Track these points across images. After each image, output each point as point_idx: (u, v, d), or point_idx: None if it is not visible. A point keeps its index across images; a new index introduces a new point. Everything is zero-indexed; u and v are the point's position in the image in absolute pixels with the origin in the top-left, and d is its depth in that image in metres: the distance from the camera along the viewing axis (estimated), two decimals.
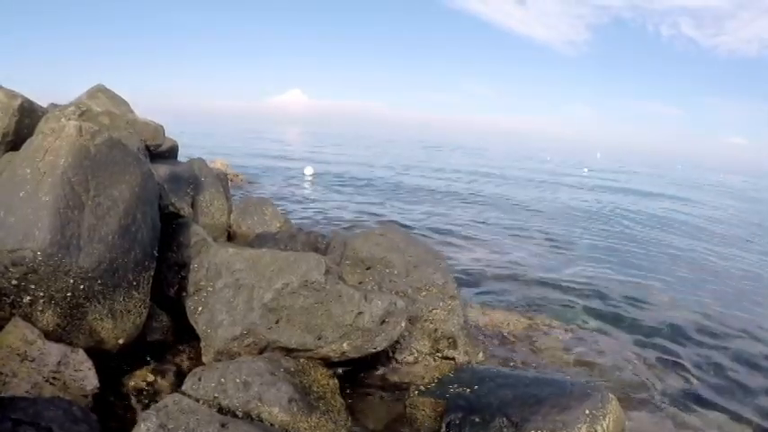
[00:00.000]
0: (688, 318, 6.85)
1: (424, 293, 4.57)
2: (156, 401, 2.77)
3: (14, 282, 2.99)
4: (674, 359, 5.41)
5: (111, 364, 3.37)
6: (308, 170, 19.58)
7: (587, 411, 3.39)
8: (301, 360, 3.66)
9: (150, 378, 3.44)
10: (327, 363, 3.76)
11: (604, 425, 3.39)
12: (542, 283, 7.70)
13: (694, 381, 4.98)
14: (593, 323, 6.23)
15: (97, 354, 3.22)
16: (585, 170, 37.79)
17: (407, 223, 11.26)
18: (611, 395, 3.60)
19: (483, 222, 12.54)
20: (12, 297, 3.03)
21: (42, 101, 5.66)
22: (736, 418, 4.35)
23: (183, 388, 3.15)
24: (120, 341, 3.40)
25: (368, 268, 4.67)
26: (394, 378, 4.12)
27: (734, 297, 8.36)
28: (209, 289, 3.92)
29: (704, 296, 8.17)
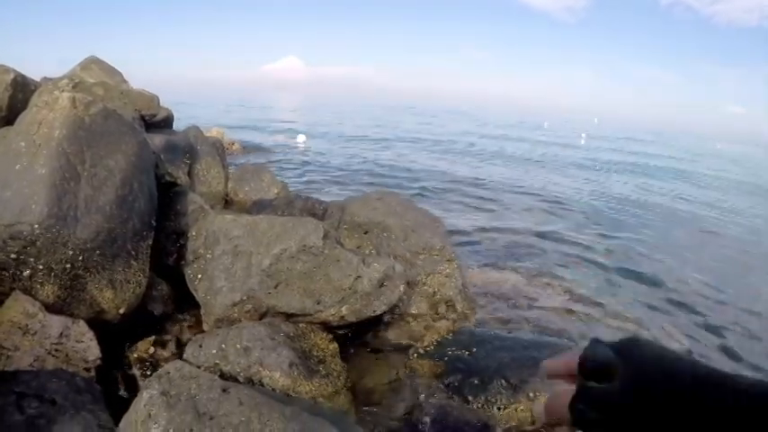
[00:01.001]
0: (689, 281, 6.89)
1: (422, 257, 4.60)
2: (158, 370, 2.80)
3: (13, 255, 3.00)
4: (673, 322, 5.46)
5: (113, 331, 3.39)
6: (301, 138, 19.57)
7: None
8: (301, 325, 3.69)
9: (151, 348, 3.47)
10: (327, 327, 3.80)
11: None
12: (541, 245, 7.72)
13: (693, 344, 5.03)
14: (593, 284, 6.26)
15: (98, 324, 3.25)
16: (583, 136, 37.65)
17: (403, 189, 11.25)
18: None
19: (480, 186, 12.55)
20: (11, 271, 3.04)
21: (35, 76, 5.63)
22: None
23: (185, 355, 3.19)
24: (121, 311, 3.42)
25: (366, 233, 4.69)
26: (393, 341, 4.17)
27: (738, 262, 8.39)
28: (208, 256, 3.94)
29: (706, 260, 8.20)
